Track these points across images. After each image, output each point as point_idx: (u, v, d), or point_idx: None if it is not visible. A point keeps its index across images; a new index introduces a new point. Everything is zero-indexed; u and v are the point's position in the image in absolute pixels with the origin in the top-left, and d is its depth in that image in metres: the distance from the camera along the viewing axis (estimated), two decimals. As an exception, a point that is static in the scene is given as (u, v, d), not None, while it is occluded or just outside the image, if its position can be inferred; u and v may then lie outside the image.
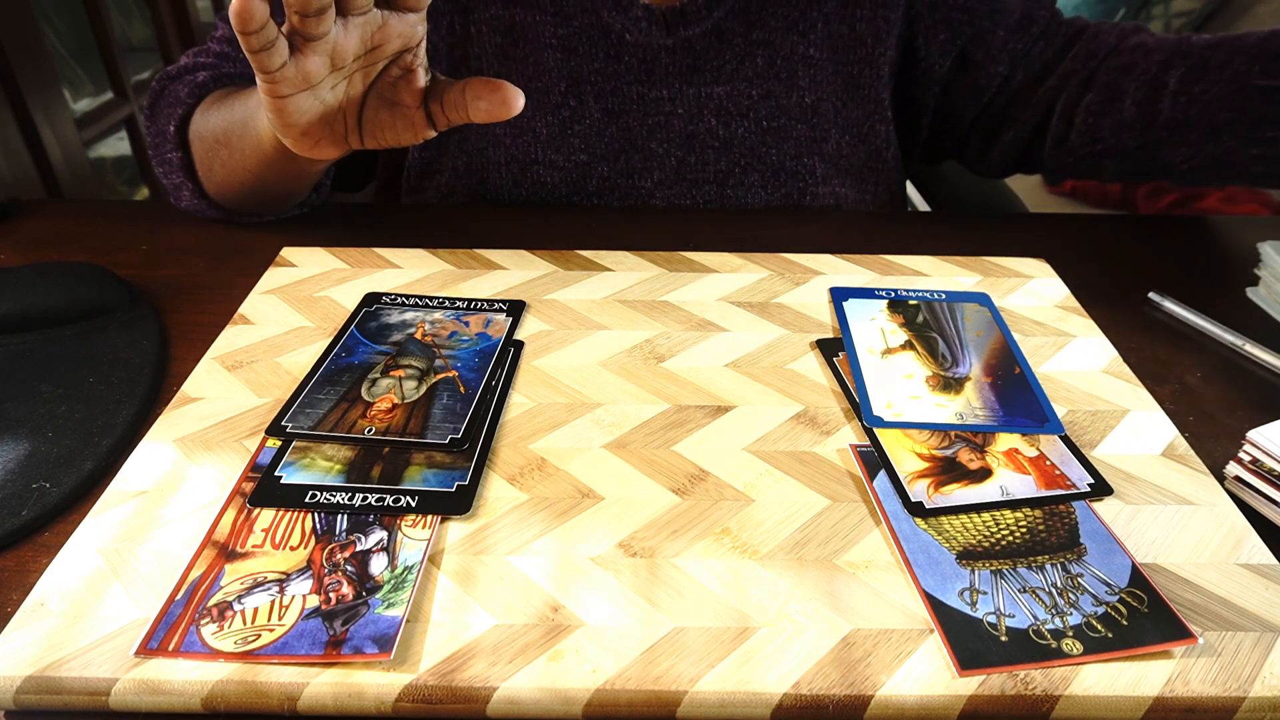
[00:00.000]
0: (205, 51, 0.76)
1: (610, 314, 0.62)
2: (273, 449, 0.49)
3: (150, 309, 0.62)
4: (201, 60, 0.75)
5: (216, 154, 0.68)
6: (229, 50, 0.76)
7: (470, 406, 0.52)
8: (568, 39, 0.75)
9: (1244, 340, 0.61)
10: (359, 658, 0.37)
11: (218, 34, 0.78)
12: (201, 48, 0.77)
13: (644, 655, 0.38)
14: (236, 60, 0.76)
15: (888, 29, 0.78)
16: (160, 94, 0.74)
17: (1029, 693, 0.37)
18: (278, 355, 0.57)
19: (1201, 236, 0.78)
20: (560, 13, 0.75)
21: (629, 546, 0.43)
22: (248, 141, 0.64)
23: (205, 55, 0.76)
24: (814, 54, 0.77)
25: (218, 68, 0.74)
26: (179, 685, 0.37)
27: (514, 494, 0.46)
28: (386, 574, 0.41)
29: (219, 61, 0.75)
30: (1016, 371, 0.57)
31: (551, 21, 0.75)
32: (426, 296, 0.63)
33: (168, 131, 0.71)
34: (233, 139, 0.66)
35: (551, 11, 0.75)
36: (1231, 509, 0.47)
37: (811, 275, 0.68)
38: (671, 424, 0.52)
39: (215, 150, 0.68)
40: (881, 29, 0.78)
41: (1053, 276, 0.68)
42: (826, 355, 0.58)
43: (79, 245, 0.72)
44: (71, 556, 0.42)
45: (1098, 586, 0.42)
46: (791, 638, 0.39)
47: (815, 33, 0.77)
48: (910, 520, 0.45)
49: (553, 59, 0.75)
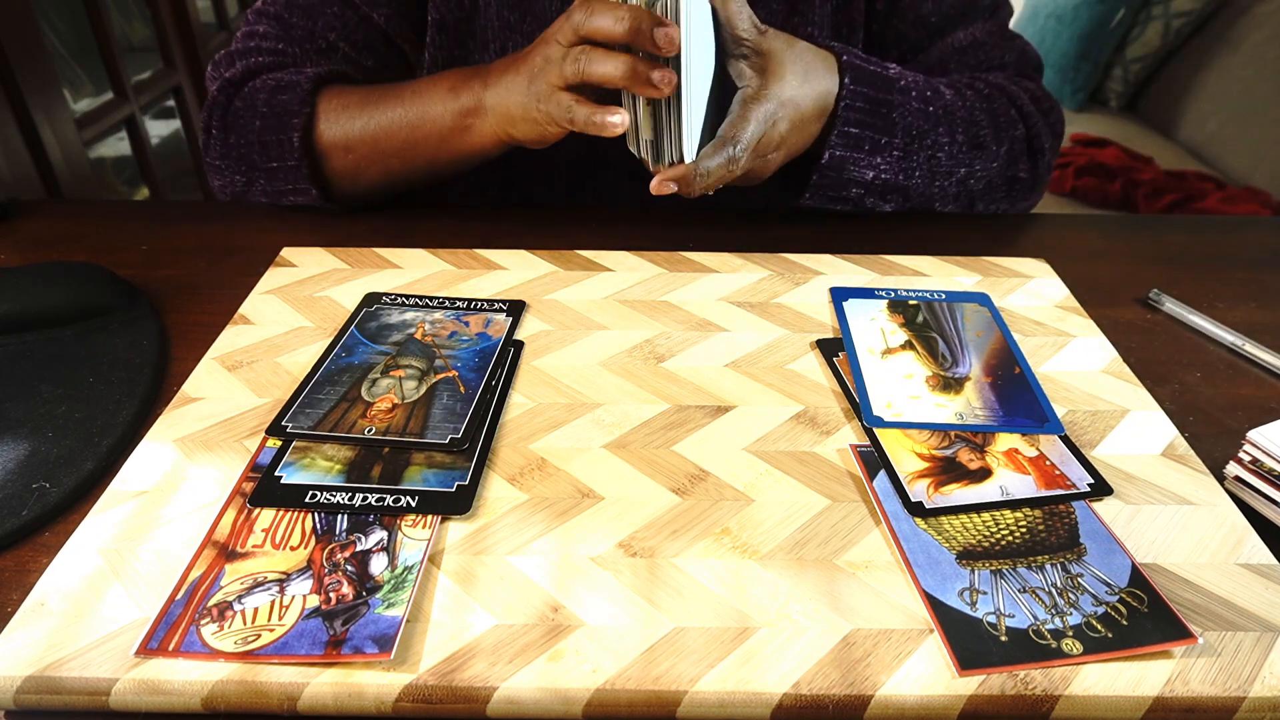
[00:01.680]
0: (256, 51, 0.76)
1: (610, 314, 0.62)
2: (273, 449, 0.49)
3: (150, 309, 0.62)
4: (257, 61, 0.75)
5: (374, 157, 0.72)
6: (283, 47, 0.76)
7: (470, 406, 0.52)
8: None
9: (1244, 340, 0.61)
10: (359, 658, 0.37)
11: (259, 29, 0.78)
12: (241, 48, 0.77)
13: (644, 655, 0.38)
14: (296, 55, 0.76)
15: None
16: (228, 105, 0.74)
17: (1029, 693, 0.37)
18: (278, 355, 0.57)
19: (1201, 236, 0.78)
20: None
21: (629, 546, 0.43)
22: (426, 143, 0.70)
23: (258, 55, 0.76)
24: (813, 33, 0.77)
25: (281, 66, 0.75)
26: (179, 685, 0.37)
27: (514, 494, 0.46)
28: (386, 574, 0.41)
29: (278, 59, 0.76)
30: (1016, 371, 0.57)
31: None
32: (426, 296, 0.63)
33: (288, 141, 0.71)
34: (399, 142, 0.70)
35: None
36: (1231, 509, 0.47)
37: (811, 275, 0.68)
38: (671, 424, 0.52)
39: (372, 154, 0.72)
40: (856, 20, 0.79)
41: (1053, 276, 0.68)
42: (826, 355, 0.58)
43: (79, 245, 0.72)
44: (71, 556, 0.42)
45: (1098, 586, 0.42)
46: (791, 638, 0.39)
47: (815, 12, 0.77)
48: (910, 520, 0.45)
49: None
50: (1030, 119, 0.76)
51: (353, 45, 0.77)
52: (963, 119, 0.73)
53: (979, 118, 0.74)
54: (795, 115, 0.64)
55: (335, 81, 0.74)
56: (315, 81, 0.72)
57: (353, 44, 0.77)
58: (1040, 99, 0.78)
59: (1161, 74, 2.14)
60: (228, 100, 0.74)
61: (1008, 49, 0.80)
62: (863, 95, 0.67)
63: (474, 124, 0.68)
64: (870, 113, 0.68)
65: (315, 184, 0.73)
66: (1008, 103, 0.75)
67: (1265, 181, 1.78)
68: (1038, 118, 0.77)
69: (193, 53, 1.89)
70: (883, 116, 0.68)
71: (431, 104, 0.69)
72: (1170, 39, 2.05)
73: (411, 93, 0.70)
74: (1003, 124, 0.75)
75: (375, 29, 0.77)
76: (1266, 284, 0.70)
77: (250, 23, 0.79)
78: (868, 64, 0.68)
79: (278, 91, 0.72)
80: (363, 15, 0.76)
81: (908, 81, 0.70)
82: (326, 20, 0.76)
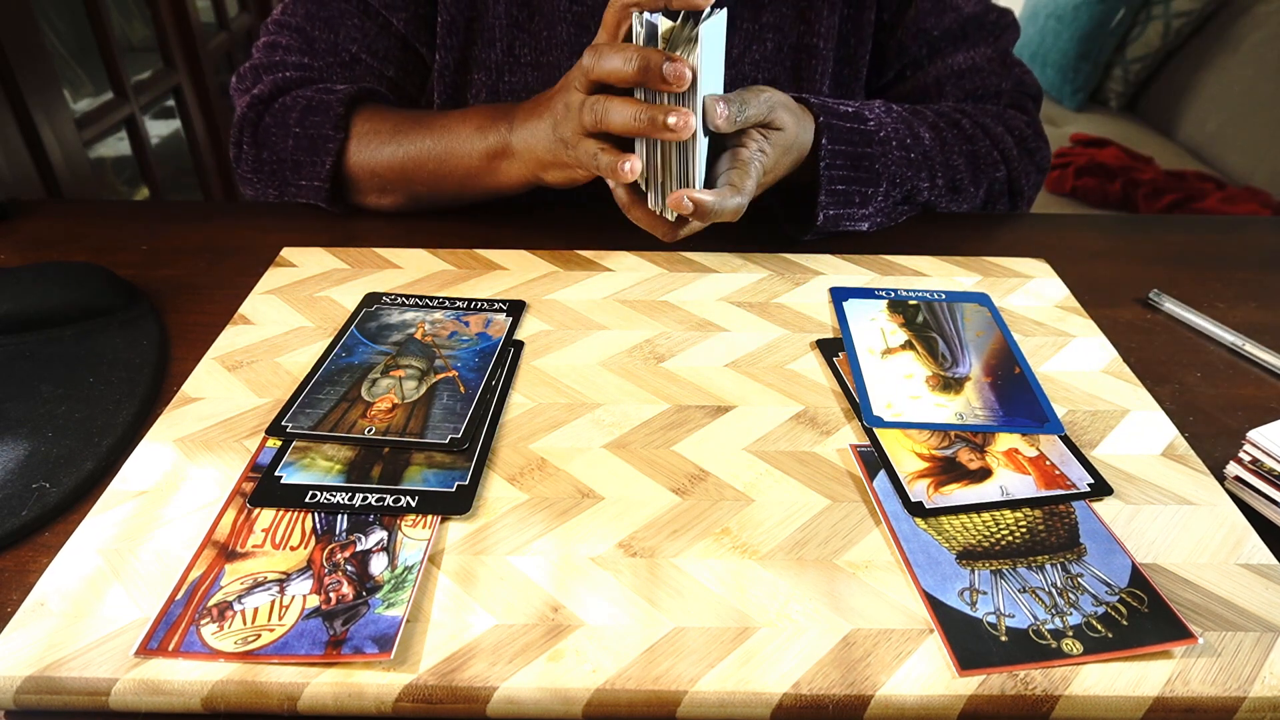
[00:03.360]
0: (281, 66, 0.76)
1: (610, 314, 0.62)
2: (273, 449, 0.49)
3: (150, 309, 0.62)
4: (284, 76, 0.75)
5: (401, 184, 0.73)
6: (308, 61, 0.77)
7: (470, 406, 0.52)
8: (581, 15, 0.76)
9: (1244, 340, 0.61)
10: (359, 658, 0.37)
11: (281, 41, 0.78)
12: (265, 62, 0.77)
13: (644, 655, 0.38)
14: (320, 69, 0.77)
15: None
16: (259, 121, 0.75)
17: (1029, 693, 0.37)
18: (278, 355, 0.57)
19: (1201, 236, 0.78)
20: None
21: (629, 546, 0.43)
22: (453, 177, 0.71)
23: (283, 69, 0.76)
24: (819, 44, 0.77)
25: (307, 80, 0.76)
26: (179, 685, 0.37)
27: (514, 494, 0.46)
28: (386, 574, 0.41)
29: (304, 74, 0.76)
30: (1016, 371, 0.57)
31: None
32: (426, 296, 0.63)
33: (320, 165, 0.72)
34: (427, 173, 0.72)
35: None
36: (1231, 509, 0.47)
37: (811, 275, 0.68)
38: (671, 424, 0.52)
39: (399, 181, 0.73)
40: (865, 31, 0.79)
41: (1053, 276, 0.68)
42: (826, 355, 0.58)
43: (79, 245, 0.72)
44: (71, 556, 0.42)
45: (1098, 586, 0.42)
46: (791, 638, 0.39)
47: (822, 22, 0.77)
48: (910, 520, 0.45)
49: (565, 33, 0.76)
50: (1012, 162, 0.77)
51: (374, 55, 0.78)
52: (941, 164, 0.74)
53: (956, 161, 0.74)
54: (797, 154, 0.65)
55: (365, 101, 0.75)
56: (348, 104, 0.73)
57: (374, 54, 0.78)
58: (1027, 137, 0.79)
59: (1161, 74, 2.14)
60: (258, 117, 0.75)
61: (1005, 77, 0.81)
62: (843, 154, 0.68)
63: (502, 166, 0.68)
64: (853, 167, 0.68)
65: (338, 204, 0.75)
66: (990, 144, 0.76)
67: (1265, 181, 1.78)
68: (1020, 160, 0.77)
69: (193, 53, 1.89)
70: (866, 169, 0.69)
71: (459, 141, 0.70)
72: (1170, 39, 2.05)
73: (441, 127, 0.71)
74: (983, 167, 0.76)
75: (395, 35, 0.78)
76: (1266, 284, 0.70)
77: (270, 33, 0.79)
78: (845, 120, 0.68)
79: (310, 112, 0.73)
80: (382, 23, 0.77)
81: (887, 132, 0.70)
82: (348, 32, 0.77)
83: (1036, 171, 0.80)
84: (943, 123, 0.75)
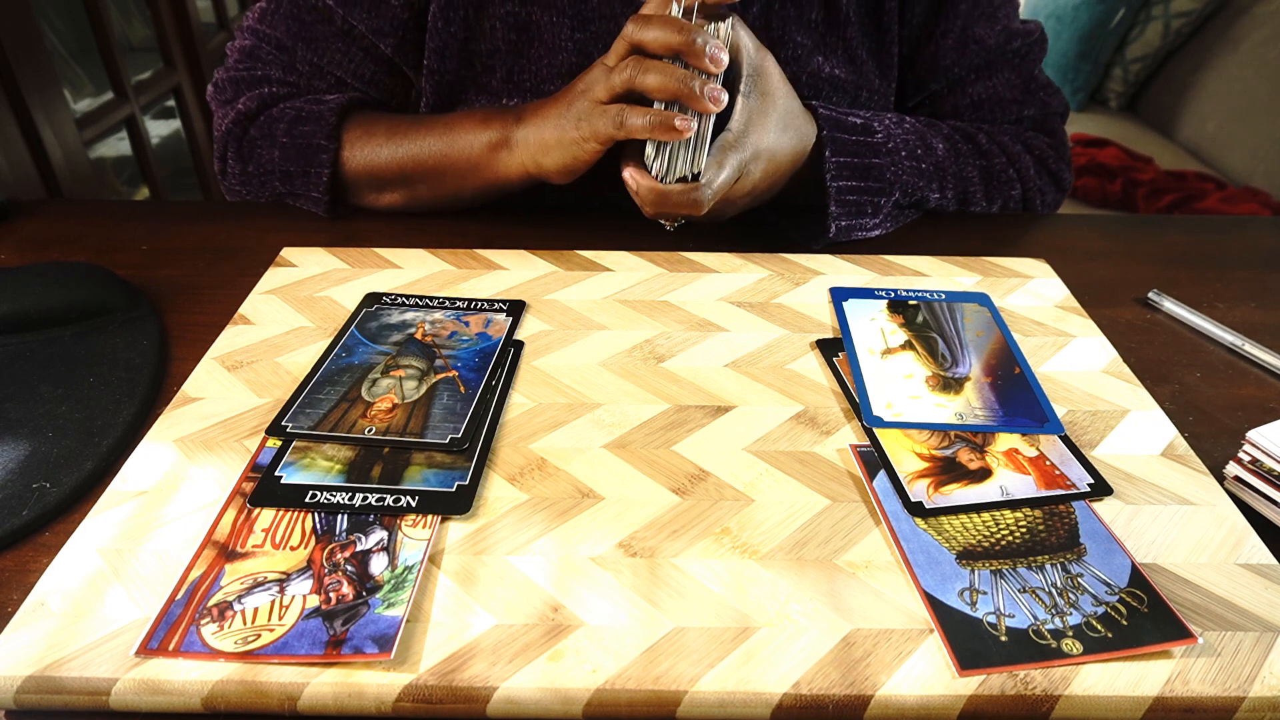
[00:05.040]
0: (265, 81, 0.76)
1: (610, 314, 0.62)
2: (273, 449, 0.49)
3: (150, 309, 0.62)
4: (270, 92, 0.75)
5: (399, 184, 0.73)
6: (293, 79, 0.76)
7: (470, 406, 0.52)
8: (584, 43, 0.74)
9: (1244, 340, 0.61)
10: (359, 658, 0.37)
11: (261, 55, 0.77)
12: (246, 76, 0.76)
13: (644, 655, 0.38)
14: (304, 88, 0.77)
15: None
16: (243, 136, 0.75)
17: (1029, 693, 0.37)
18: (278, 355, 0.57)
19: (1201, 236, 0.78)
20: (578, 15, 0.73)
21: (629, 546, 0.43)
22: (453, 171, 0.71)
23: (267, 85, 0.76)
24: (838, 73, 0.76)
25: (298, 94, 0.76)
26: (179, 685, 0.37)
27: (514, 494, 0.46)
28: (387, 574, 0.41)
29: (290, 90, 0.76)
30: (1016, 371, 0.57)
31: (569, 24, 0.73)
32: (426, 296, 0.63)
33: (315, 175, 0.72)
34: (427, 174, 0.72)
35: (570, 14, 0.73)
36: (1231, 509, 0.47)
37: (811, 275, 0.68)
38: (671, 424, 0.52)
39: (397, 180, 0.73)
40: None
41: (1053, 276, 0.68)
42: (826, 355, 0.58)
43: (79, 245, 0.72)
44: (71, 556, 0.42)
45: (1098, 586, 0.42)
46: (791, 638, 0.39)
47: (838, 55, 0.76)
48: (910, 520, 0.45)
49: (566, 62, 0.74)
50: (1029, 181, 0.76)
51: (360, 80, 0.77)
52: (954, 175, 0.73)
53: (969, 174, 0.74)
54: (770, 166, 0.64)
55: (356, 109, 0.75)
56: (339, 114, 0.72)
57: (360, 79, 0.77)
58: (1048, 158, 0.78)
59: (1161, 74, 2.14)
60: (243, 132, 0.75)
61: (1029, 103, 0.79)
62: (849, 165, 0.68)
63: (501, 156, 0.68)
64: (861, 177, 0.68)
65: (334, 212, 0.76)
66: (1006, 162, 0.76)
67: (1265, 181, 1.78)
68: (1038, 180, 0.77)
69: (193, 53, 1.89)
70: (875, 178, 0.69)
71: (461, 135, 0.70)
72: (1170, 39, 2.05)
73: (444, 124, 0.71)
74: (997, 184, 0.76)
75: (382, 60, 0.76)
76: (1266, 284, 0.70)
77: (247, 38, 0.77)
78: (851, 134, 0.68)
79: (299, 123, 0.72)
80: (367, 46, 0.75)
81: (896, 142, 0.70)
82: (331, 56, 0.75)
83: (1056, 191, 0.79)
84: (958, 135, 0.75)
